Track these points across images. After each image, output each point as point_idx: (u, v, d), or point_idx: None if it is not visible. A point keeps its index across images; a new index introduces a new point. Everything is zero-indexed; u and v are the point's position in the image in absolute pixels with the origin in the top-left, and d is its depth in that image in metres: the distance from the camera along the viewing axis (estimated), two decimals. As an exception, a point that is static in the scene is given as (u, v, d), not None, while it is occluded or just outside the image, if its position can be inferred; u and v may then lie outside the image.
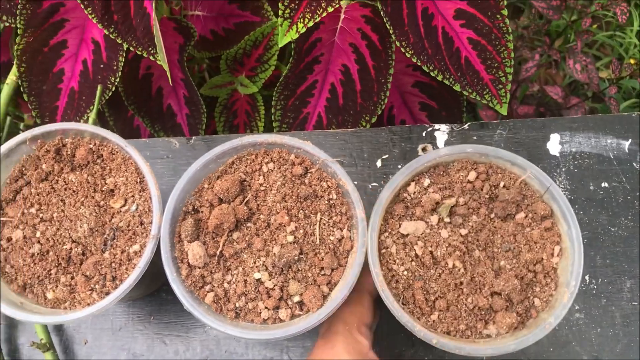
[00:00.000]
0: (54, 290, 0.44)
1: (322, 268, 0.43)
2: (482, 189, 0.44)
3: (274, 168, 0.45)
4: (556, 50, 1.05)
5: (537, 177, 0.44)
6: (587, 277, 0.56)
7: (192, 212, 0.44)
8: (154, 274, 0.52)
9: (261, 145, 0.45)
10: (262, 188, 0.44)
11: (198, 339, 0.56)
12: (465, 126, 0.61)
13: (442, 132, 0.61)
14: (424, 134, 0.61)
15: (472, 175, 0.44)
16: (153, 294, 0.58)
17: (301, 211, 0.44)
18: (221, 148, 0.44)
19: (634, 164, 0.59)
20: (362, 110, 0.63)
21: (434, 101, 0.72)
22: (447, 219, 0.43)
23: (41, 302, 0.44)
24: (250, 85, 0.72)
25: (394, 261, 0.42)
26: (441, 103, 0.72)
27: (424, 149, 0.61)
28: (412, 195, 0.44)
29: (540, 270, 0.42)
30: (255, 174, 0.45)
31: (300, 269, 0.42)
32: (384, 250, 0.43)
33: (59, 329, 0.57)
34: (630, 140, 0.60)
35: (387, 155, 0.61)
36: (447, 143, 0.61)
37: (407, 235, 0.43)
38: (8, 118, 0.61)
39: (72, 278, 0.44)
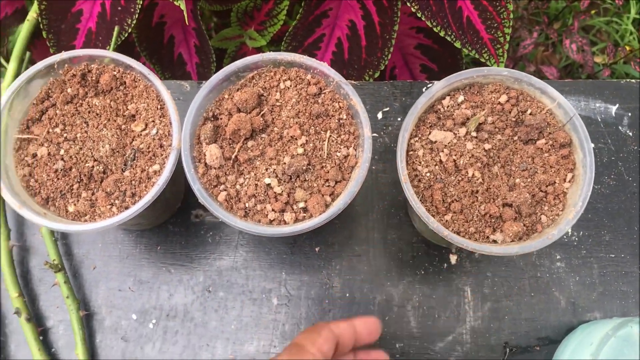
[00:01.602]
0: (75, 204, 0.47)
1: (327, 180, 0.46)
2: (510, 112, 0.48)
3: (290, 86, 0.48)
4: (554, 30, 1.09)
5: (563, 106, 0.48)
6: (569, 230, 0.60)
7: (212, 119, 0.48)
8: (165, 202, 0.55)
9: (281, 63, 0.49)
10: (277, 103, 0.48)
11: (202, 270, 0.60)
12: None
13: (441, 88, 0.64)
14: (424, 89, 0.64)
15: (503, 98, 0.48)
16: (160, 226, 0.61)
17: (312, 127, 0.47)
18: (243, 62, 0.48)
19: (620, 127, 0.63)
20: (366, 65, 0.66)
21: (434, 64, 0.76)
22: (473, 133, 0.48)
23: (62, 215, 0.47)
24: (258, 39, 0.74)
25: (419, 163, 0.47)
26: (441, 66, 0.75)
27: (423, 104, 0.64)
28: (445, 108, 0.49)
29: (552, 192, 0.47)
30: (272, 89, 0.48)
31: (307, 179, 0.46)
32: (411, 152, 0.47)
33: (69, 254, 0.60)
34: (617, 105, 0.63)
35: (388, 108, 0.64)
36: (445, 99, 0.64)
37: (435, 142, 0.47)
38: (27, 53, 0.64)
39: (93, 194, 0.47)
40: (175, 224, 0.61)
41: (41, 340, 0.57)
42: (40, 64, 0.48)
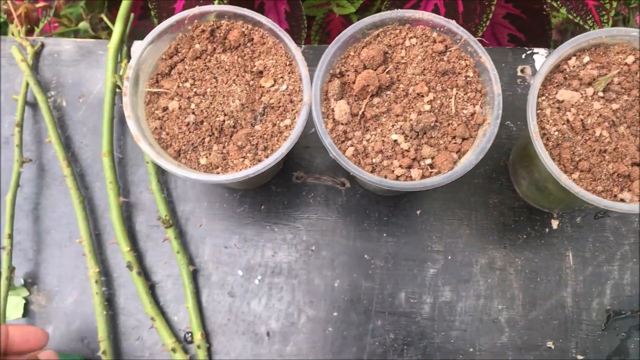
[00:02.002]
0: (207, 157, 0.48)
1: (454, 137, 0.47)
2: (636, 74, 0.48)
3: (416, 43, 0.49)
4: None
5: None
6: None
7: (338, 76, 0.48)
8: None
9: (407, 21, 0.49)
10: (402, 61, 0.48)
11: (304, 229, 0.61)
12: (564, 51, 0.64)
13: (540, 55, 0.64)
14: (523, 56, 0.64)
15: (630, 59, 0.48)
16: (263, 187, 0.62)
17: (439, 84, 0.48)
18: (371, 19, 0.48)
19: None
20: (464, 32, 0.66)
21: (522, 33, 0.75)
22: (600, 93, 0.47)
23: (194, 167, 0.48)
24: (347, 6, 0.74)
25: (547, 121, 0.47)
26: (529, 36, 0.75)
27: (522, 70, 0.64)
28: (571, 68, 0.49)
29: None
30: (397, 47, 0.49)
31: (433, 135, 0.47)
32: (538, 111, 0.48)
33: (175, 212, 0.61)
34: None
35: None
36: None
37: (562, 101, 0.48)
38: (132, 15, 0.65)
39: (224, 147, 0.48)
40: (278, 185, 0.62)
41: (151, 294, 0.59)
42: (172, 19, 0.48)
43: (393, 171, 0.47)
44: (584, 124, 0.47)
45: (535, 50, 0.65)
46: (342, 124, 0.48)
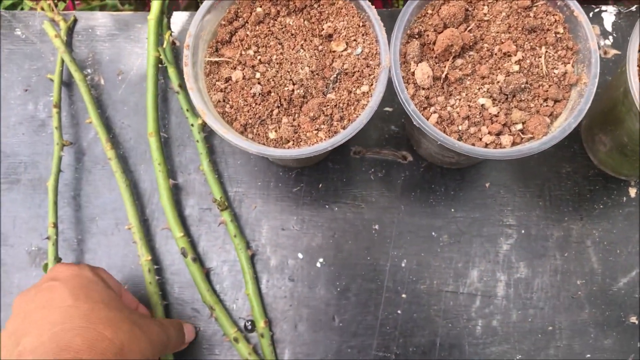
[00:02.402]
0: (276, 131, 0.44)
1: (546, 99, 0.43)
2: None
3: None
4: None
5: None
6: None
7: (417, 36, 0.44)
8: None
9: None
10: (485, 18, 0.44)
11: (366, 207, 0.57)
12: (633, 8, 0.60)
13: (609, 13, 0.60)
14: (590, 14, 0.60)
15: None
16: (319, 164, 0.58)
17: (527, 43, 0.44)
18: None
19: None
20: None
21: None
22: None
23: (262, 142, 0.44)
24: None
25: None
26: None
27: (590, 30, 0.60)
28: None
29: None
30: (479, 3, 0.45)
31: (523, 98, 0.43)
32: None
33: (226, 194, 0.58)
34: None
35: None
36: (614, 25, 0.60)
37: None
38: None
39: (294, 119, 0.44)
40: (335, 161, 0.58)
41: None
42: (229, -18, 0.44)
43: (481, 139, 0.43)
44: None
45: (604, 7, 0.60)
46: (424, 88, 0.44)
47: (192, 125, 0.56)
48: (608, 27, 0.60)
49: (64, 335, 0.38)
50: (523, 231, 0.56)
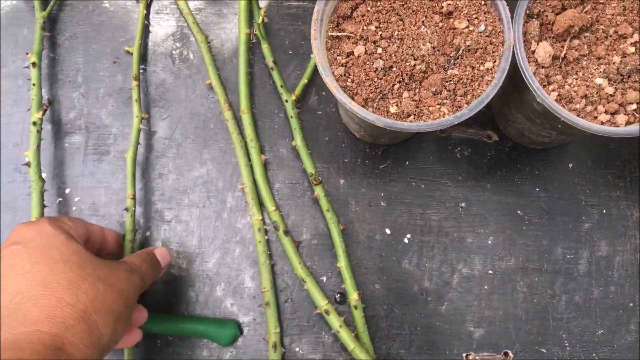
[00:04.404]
0: (397, 105, 0.45)
1: None
2: None
3: None
4: None
5: None
6: None
7: (535, 16, 0.46)
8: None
9: None
10: (601, 0, 0.46)
11: (452, 185, 0.58)
12: None
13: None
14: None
15: None
16: (406, 141, 0.59)
17: None
18: None
19: None
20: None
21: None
22: None
23: (383, 115, 0.45)
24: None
25: None
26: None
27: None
28: None
29: None
30: None
31: (637, 79, 0.44)
32: None
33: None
34: None
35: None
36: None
37: None
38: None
39: (415, 94, 0.45)
40: (422, 139, 0.59)
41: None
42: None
43: (596, 117, 0.45)
44: None
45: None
46: (544, 67, 0.45)
47: (285, 101, 0.57)
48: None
49: (21, 307, 0.36)
50: (604, 211, 0.58)
